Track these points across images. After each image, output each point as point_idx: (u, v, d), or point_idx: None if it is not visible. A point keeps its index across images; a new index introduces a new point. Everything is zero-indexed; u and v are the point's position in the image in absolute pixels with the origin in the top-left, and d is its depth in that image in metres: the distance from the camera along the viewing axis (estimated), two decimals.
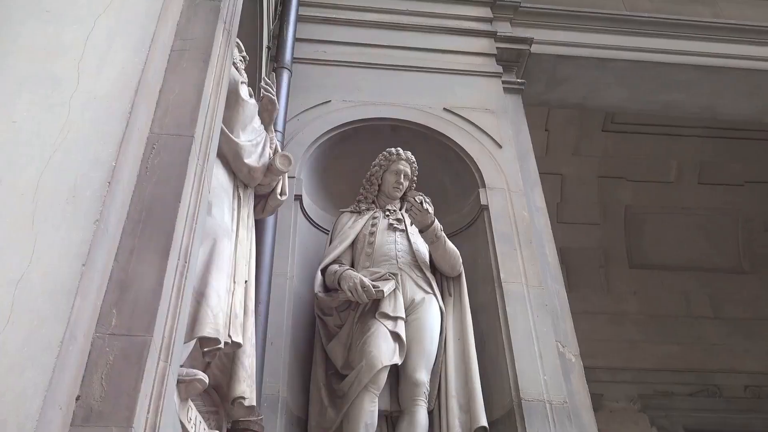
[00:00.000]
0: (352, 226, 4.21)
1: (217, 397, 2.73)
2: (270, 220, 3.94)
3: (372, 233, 4.15)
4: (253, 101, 3.35)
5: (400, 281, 3.88)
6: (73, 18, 2.30)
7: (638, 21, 6.13)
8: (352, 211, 4.37)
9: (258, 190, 3.46)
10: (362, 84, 5.21)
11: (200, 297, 2.51)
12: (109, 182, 1.98)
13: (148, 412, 1.82)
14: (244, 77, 3.44)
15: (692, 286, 8.39)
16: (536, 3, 6.06)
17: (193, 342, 2.48)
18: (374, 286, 3.73)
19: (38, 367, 1.64)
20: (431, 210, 4.05)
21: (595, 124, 8.11)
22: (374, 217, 4.26)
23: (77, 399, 1.72)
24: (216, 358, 2.68)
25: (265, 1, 4.44)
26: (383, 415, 3.58)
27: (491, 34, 5.66)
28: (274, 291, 3.80)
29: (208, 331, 2.46)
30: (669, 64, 5.96)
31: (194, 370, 2.44)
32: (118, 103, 2.18)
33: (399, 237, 4.14)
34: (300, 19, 5.22)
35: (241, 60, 3.50)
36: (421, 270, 4.01)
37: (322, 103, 4.99)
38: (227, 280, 2.74)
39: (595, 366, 6.33)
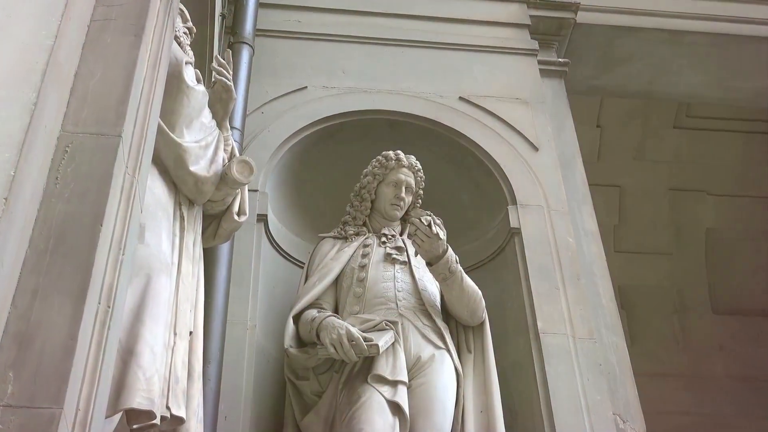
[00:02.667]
0: (335, 257, 4.22)
1: None
2: (224, 250, 3.96)
3: (363, 267, 4.17)
4: (201, 88, 3.37)
5: (401, 332, 3.89)
6: None
7: None
8: (335, 237, 4.38)
9: (208, 208, 3.48)
10: (349, 64, 5.27)
11: (128, 355, 2.50)
12: (5, 199, 1.98)
13: None
14: (190, 56, 3.47)
15: None
16: None
17: (119, 416, 2.47)
18: (366, 339, 3.72)
19: None
20: (443, 235, 4.06)
21: (665, 119, 8.14)
22: (366, 245, 4.28)
23: None
24: None
25: None
26: None
27: None
28: (229, 346, 3.82)
29: (138, 401, 2.45)
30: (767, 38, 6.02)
31: None
32: (18, 91, 2.17)
33: (400, 272, 4.16)
34: None
35: (185, 33, 3.53)
36: (429, 317, 4.03)
37: (296, 91, 5.02)
38: (165, 331, 2.74)
39: None
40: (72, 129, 2.28)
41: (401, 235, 4.40)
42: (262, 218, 4.42)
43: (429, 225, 4.00)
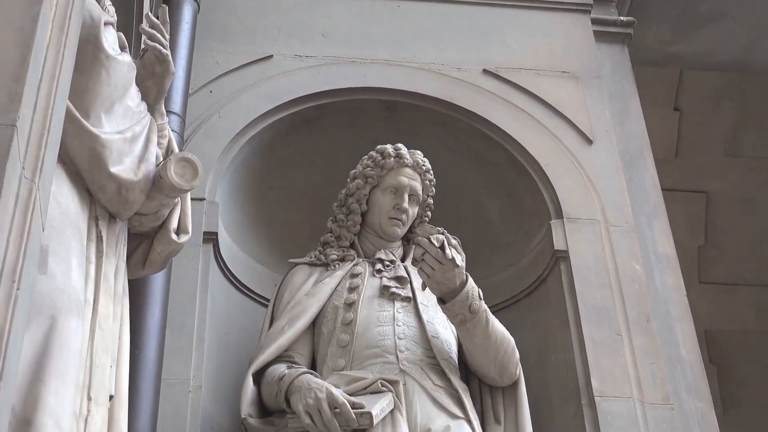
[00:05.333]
0: (312, 292, 4.25)
1: None
2: (158, 282, 3.98)
3: (351, 305, 4.19)
4: (127, 59, 3.39)
5: (403, 395, 3.88)
6: None
7: None
8: (312, 264, 4.41)
9: (136, 224, 3.48)
10: (331, 25, 5.32)
11: (24, 428, 2.50)
12: None
13: None
14: (111, 14, 3.49)
15: None
16: None
17: None
18: (355, 406, 3.73)
19: None
20: (461, 260, 4.05)
21: None
22: (354, 275, 4.31)
23: None
24: None
25: None
26: None
27: None
28: (165, 413, 3.81)
29: None
30: None
31: None
32: None
33: (401, 311, 4.19)
34: None
35: None
36: (442, 374, 4.03)
37: (257, 61, 5.05)
38: (76, 394, 2.74)
39: None
40: None
41: (403, 260, 4.42)
42: (211, 238, 4.42)
43: (441, 247, 3.97)
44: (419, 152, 4.49)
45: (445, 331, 4.18)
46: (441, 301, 4.06)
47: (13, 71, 2.38)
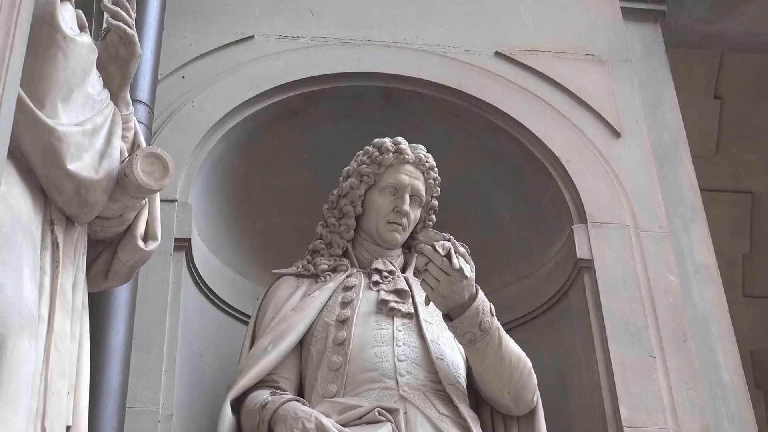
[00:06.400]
0: (299, 307, 4.26)
1: None
2: (122, 296, 3.96)
3: (344, 322, 4.20)
4: (87, 40, 3.37)
5: (403, 426, 3.87)
6: None
7: None
8: (299, 275, 4.44)
9: (97, 229, 3.47)
10: (320, 2, 5.30)
11: None
12: None
13: None
14: None
15: None
16: None
17: None
18: None
19: None
20: (470, 271, 4.06)
21: None
22: (347, 287, 4.33)
23: None
24: None
25: None
26: None
27: None
28: None
29: None
30: None
31: None
32: None
33: (402, 329, 4.20)
34: None
35: None
36: (448, 401, 4.04)
37: (236, 43, 5.06)
38: (28, 424, 2.72)
39: None
40: None
41: (404, 271, 4.44)
42: (183, 245, 4.44)
43: (448, 255, 3.98)
44: (422, 147, 4.51)
45: (451, 351, 4.19)
46: (447, 317, 4.07)
47: None
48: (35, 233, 3.12)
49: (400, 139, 4.48)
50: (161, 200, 3.68)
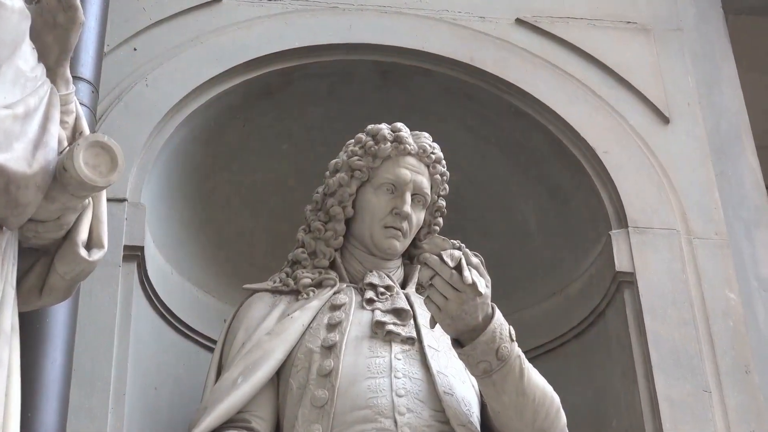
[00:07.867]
0: (276, 331, 4.26)
1: None
2: (60, 316, 3.93)
3: (330, 348, 4.22)
4: (18, 3, 3.35)
5: None
6: None
7: None
8: (277, 290, 4.44)
9: (30, 235, 3.46)
10: None
11: None
12: None
13: None
14: None
15: None
16: None
17: None
18: None
19: None
20: (485, 287, 4.01)
21: None
22: (335, 306, 4.34)
23: None
24: None
25: None
26: None
27: None
28: None
29: None
30: None
31: None
32: None
33: (401, 357, 4.22)
34: None
35: None
36: None
37: (199, 6, 5.06)
38: None
39: None
40: None
41: (404, 287, 4.41)
42: (135, 254, 4.44)
43: (458, 267, 3.95)
44: (426, 135, 4.48)
45: (462, 385, 4.15)
46: (457, 343, 4.02)
47: None
48: None
49: (399, 125, 4.44)
50: (108, 200, 3.69)
